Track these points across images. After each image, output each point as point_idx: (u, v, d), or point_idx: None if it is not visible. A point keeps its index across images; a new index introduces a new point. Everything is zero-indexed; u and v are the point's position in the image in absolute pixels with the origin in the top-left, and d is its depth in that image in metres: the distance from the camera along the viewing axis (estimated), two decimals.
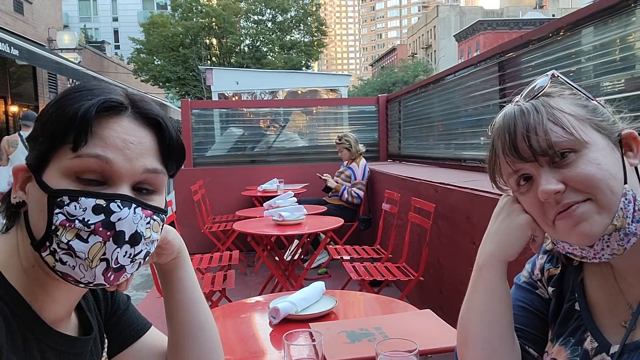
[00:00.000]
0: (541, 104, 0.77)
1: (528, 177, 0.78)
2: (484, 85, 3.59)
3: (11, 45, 9.28)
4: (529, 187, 0.78)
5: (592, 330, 0.79)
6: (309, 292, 1.85)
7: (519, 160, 0.77)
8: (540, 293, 0.91)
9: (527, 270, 0.95)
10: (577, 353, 0.80)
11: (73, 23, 38.87)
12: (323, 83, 10.48)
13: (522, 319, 0.89)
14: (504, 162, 0.80)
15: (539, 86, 0.80)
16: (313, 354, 1.13)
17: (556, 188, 0.73)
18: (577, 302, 0.84)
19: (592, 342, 0.78)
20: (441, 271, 3.15)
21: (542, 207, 0.76)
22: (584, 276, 0.85)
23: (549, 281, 0.90)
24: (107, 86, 0.75)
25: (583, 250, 0.76)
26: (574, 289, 0.85)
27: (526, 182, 0.79)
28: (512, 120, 0.78)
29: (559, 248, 0.81)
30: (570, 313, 0.84)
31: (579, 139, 0.74)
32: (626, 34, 2.22)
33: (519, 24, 50.05)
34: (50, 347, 0.73)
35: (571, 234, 0.74)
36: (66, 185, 0.68)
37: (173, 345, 0.92)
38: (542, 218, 0.78)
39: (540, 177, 0.75)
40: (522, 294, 0.92)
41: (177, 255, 0.89)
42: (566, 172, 0.73)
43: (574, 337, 0.81)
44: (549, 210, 0.75)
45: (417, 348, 1.00)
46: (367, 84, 57.70)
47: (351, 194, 4.86)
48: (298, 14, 26.77)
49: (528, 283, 0.93)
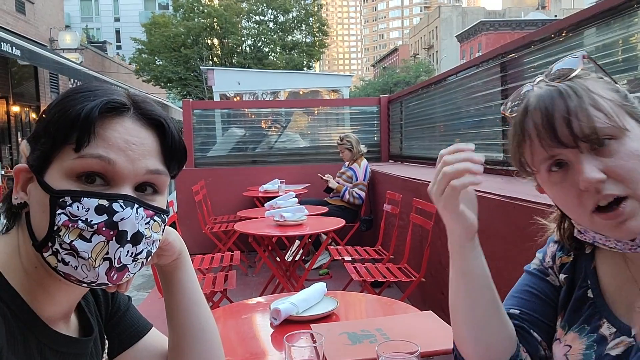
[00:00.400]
0: (579, 87, 0.73)
1: (561, 163, 0.74)
2: (486, 86, 3.59)
3: (13, 45, 9.30)
4: (563, 175, 0.74)
5: (608, 317, 0.79)
6: (310, 293, 1.84)
7: (558, 145, 0.73)
8: (551, 280, 0.91)
9: (538, 259, 0.95)
10: (593, 339, 0.79)
11: (75, 23, 38.96)
12: (324, 83, 10.47)
13: (529, 304, 0.89)
14: (537, 146, 0.75)
15: (569, 67, 0.76)
16: (314, 355, 1.13)
17: (600, 177, 0.70)
18: (590, 289, 0.83)
19: (610, 327, 0.78)
20: (443, 272, 3.15)
21: (579, 197, 0.73)
22: (596, 264, 0.84)
23: (560, 269, 0.89)
24: (109, 87, 0.75)
25: (619, 243, 0.75)
26: (587, 276, 0.85)
27: (559, 169, 0.75)
28: (551, 102, 0.73)
29: (586, 237, 0.80)
30: (583, 300, 0.84)
31: (619, 126, 0.71)
32: (629, 34, 2.22)
33: (521, 24, 50.02)
34: (50, 348, 0.73)
35: (616, 231, 0.72)
36: (68, 186, 0.68)
37: (174, 347, 0.92)
38: (578, 208, 0.74)
39: (581, 164, 0.71)
40: (532, 280, 0.92)
41: (178, 256, 0.89)
42: (608, 161, 0.71)
43: (589, 325, 0.81)
44: (587, 199, 0.72)
45: (419, 350, 0.99)
46: (369, 85, 57.72)
47: (352, 195, 4.86)
48: (300, 15, 26.78)
49: (539, 270, 0.93)
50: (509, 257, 2.08)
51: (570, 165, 0.73)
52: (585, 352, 0.79)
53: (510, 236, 2.12)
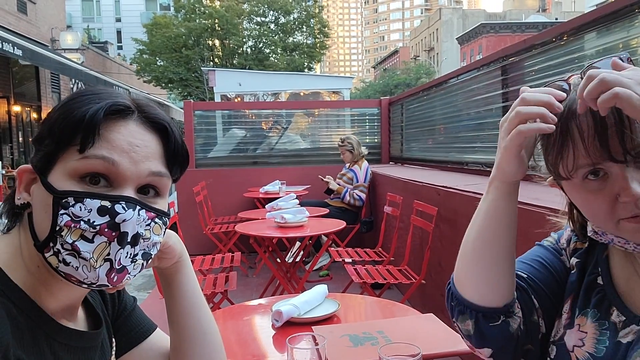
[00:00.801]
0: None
1: (598, 172, 0.71)
2: (487, 89, 3.60)
3: (14, 45, 9.31)
4: (600, 184, 0.72)
5: (617, 305, 0.79)
6: (312, 295, 1.85)
7: (607, 157, 0.69)
8: (564, 260, 0.91)
9: (553, 238, 0.94)
10: (605, 327, 0.80)
11: (76, 23, 38.97)
12: (325, 85, 10.49)
13: (537, 273, 0.88)
14: (581, 153, 0.71)
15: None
16: (316, 357, 1.14)
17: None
18: (601, 275, 0.84)
19: (619, 315, 0.78)
20: (443, 275, 3.15)
21: (612, 206, 0.71)
22: (609, 253, 0.85)
23: (573, 253, 0.89)
24: (113, 90, 0.76)
25: (638, 246, 0.74)
26: (597, 263, 0.85)
27: (596, 178, 0.72)
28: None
29: (603, 239, 0.79)
30: (592, 286, 0.84)
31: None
32: (629, 39, 2.22)
33: (521, 27, 50.04)
34: (60, 342, 0.73)
35: (639, 235, 0.72)
36: (71, 187, 0.68)
37: (175, 349, 0.92)
38: (607, 216, 0.73)
39: (627, 179, 0.69)
40: (544, 252, 0.92)
41: (179, 259, 0.90)
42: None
43: (600, 311, 0.81)
44: (622, 210, 0.71)
45: (420, 352, 1.00)
46: (370, 86, 57.75)
47: (353, 197, 4.87)
48: (301, 16, 26.79)
49: (553, 247, 0.93)
50: None
51: (610, 175, 0.71)
52: (600, 337, 0.79)
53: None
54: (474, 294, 0.84)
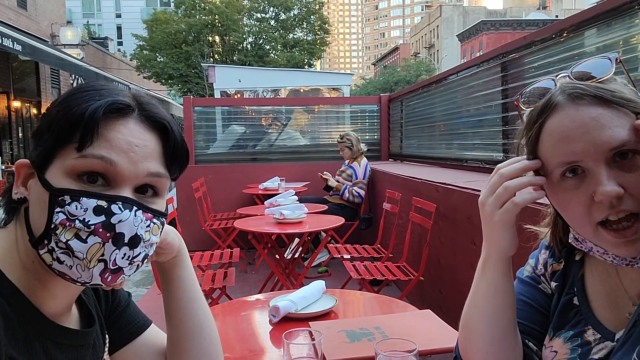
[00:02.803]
0: (610, 94, 0.69)
1: (576, 170, 0.71)
2: (487, 86, 3.59)
3: (14, 40, 9.29)
4: (577, 183, 0.71)
5: (593, 324, 0.79)
6: (309, 290, 1.85)
7: (582, 153, 0.69)
8: (543, 288, 0.91)
9: (531, 265, 0.94)
10: (577, 344, 0.80)
11: (76, 19, 38.94)
12: (325, 82, 10.48)
13: (523, 314, 0.89)
14: (558, 149, 0.71)
15: (599, 69, 0.73)
16: (312, 352, 1.14)
17: (618, 191, 0.67)
18: (576, 296, 0.84)
19: (594, 334, 0.78)
20: (441, 271, 3.15)
21: (589, 207, 0.70)
22: (585, 272, 0.84)
23: (552, 276, 0.89)
24: (114, 87, 0.76)
25: (617, 258, 0.73)
26: (574, 283, 0.85)
27: (574, 176, 0.71)
28: (582, 105, 0.70)
29: (583, 246, 0.78)
30: (568, 306, 0.84)
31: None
32: (629, 35, 2.22)
33: (522, 24, 49.95)
34: (52, 341, 0.73)
35: (619, 248, 0.71)
36: (68, 185, 0.68)
37: (172, 343, 0.92)
38: (585, 218, 0.71)
39: (600, 175, 0.68)
40: (524, 289, 0.92)
41: (177, 254, 0.89)
42: (629, 177, 0.68)
43: (574, 330, 0.81)
44: (597, 211, 0.70)
45: (417, 348, 1.00)
46: (370, 83, 57.64)
47: (352, 193, 4.86)
48: (301, 12, 26.76)
49: (531, 278, 0.92)
50: None
51: (587, 173, 0.70)
52: (570, 356, 0.80)
53: None
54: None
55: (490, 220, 0.78)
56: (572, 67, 0.75)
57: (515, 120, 3.14)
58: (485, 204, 0.79)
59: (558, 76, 0.76)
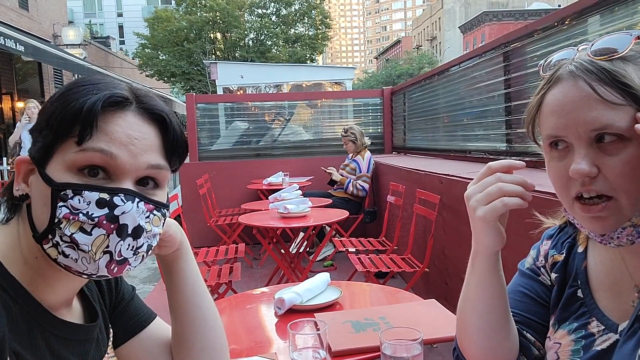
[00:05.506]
0: (617, 74, 0.69)
1: (560, 143, 0.73)
2: (489, 76, 3.58)
3: (17, 41, 9.32)
4: (561, 155, 0.73)
5: (597, 315, 0.80)
6: (314, 282, 1.85)
7: (567, 128, 0.71)
8: (543, 280, 0.91)
9: (532, 257, 0.95)
10: (581, 335, 0.80)
11: (78, 19, 39.00)
12: (327, 76, 10.44)
13: (522, 305, 0.90)
14: (547, 122, 0.74)
15: (615, 46, 0.71)
16: (318, 343, 1.14)
17: (589, 171, 0.68)
18: (580, 288, 0.84)
19: (598, 325, 0.79)
20: (446, 262, 3.15)
21: (567, 181, 0.72)
22: (588, 264, 0.85)
23: (552, 267, 0.90)
24: (111, 81, 0.76)
25: (591, 232, 0.75)
26: (577, 276, 0.85)
27: (560, 148, 0.73)
28: (581, 82, 0.70)
29: (570, 218, 0.80)
30: (573, 299, 0.85)
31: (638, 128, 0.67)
32: (633, 22, 2.20)
33: (524, 14, 49.67)
34: (55, 335, 0.73)
35: (588, 223, 0.73)
36: (70, 179, 0.68)
37: (177, 336, 0.93)
38: (564, 191, 0.74)
39: (577, 153, 0.70)
40: (524, 280, 0.93)
41: (179, 247, 0.90)
42: (607, 160, 0.68)
43: (578, 322, 0.82)
44: (572, 186, 0.72)
45: (421, 337, 1.00)
46: (372, 77, 57.56)
47: (356, 187, 4.86)
48: (302, 7, 26.69)
49: (531, 269, 0.93)
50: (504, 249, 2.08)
51: (570, 148, 0.72)
52: (574, 347, 0.80)
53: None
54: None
55: (473, 216, 0.79)
56: (594, 41, 0.75)
57: (520, 110, 3.13)
58: (470, 196, 0.80)
59: (579, 48, 0.77)
